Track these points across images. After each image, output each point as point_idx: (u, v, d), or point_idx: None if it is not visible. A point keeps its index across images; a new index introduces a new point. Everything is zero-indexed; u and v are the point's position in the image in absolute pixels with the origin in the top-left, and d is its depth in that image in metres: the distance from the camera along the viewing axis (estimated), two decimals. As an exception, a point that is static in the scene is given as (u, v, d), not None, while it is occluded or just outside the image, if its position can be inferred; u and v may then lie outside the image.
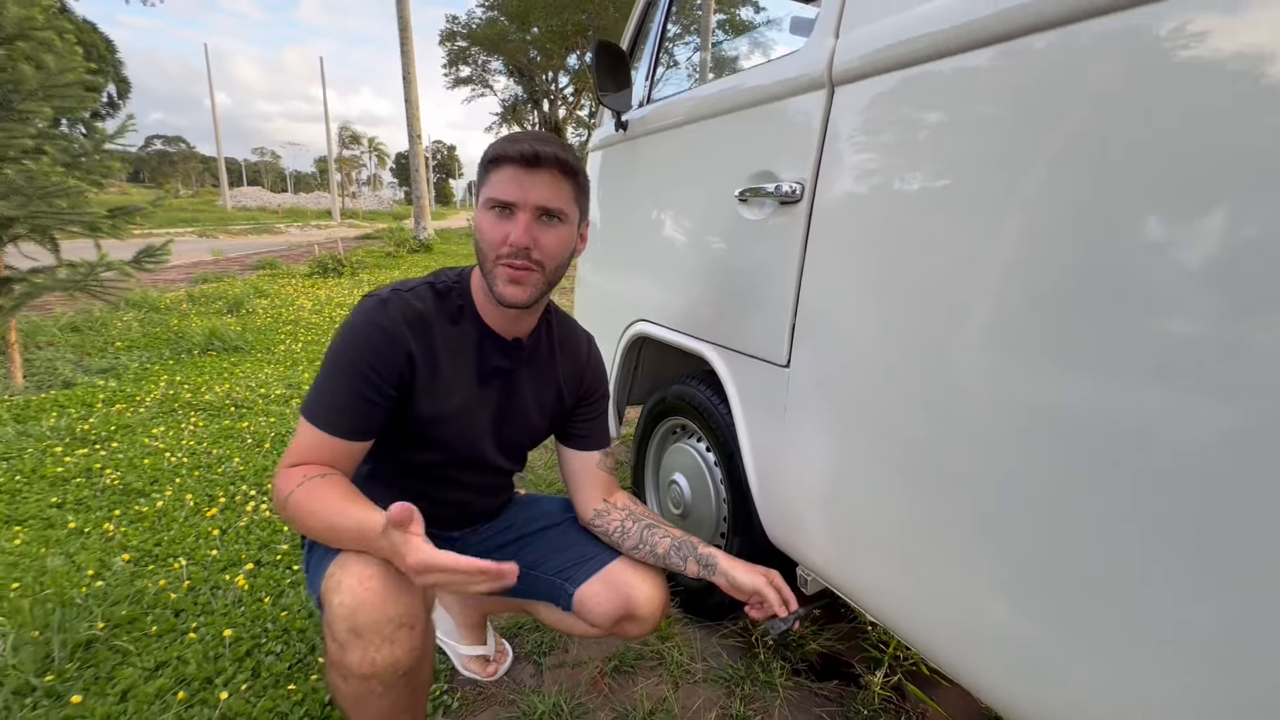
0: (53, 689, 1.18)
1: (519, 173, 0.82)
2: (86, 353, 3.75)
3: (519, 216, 0.83)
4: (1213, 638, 0.54)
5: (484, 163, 0.86)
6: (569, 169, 0.85)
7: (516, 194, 0.82)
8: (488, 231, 0.84)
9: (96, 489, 2.02)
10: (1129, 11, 0.58)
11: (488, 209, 0.84)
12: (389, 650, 0.76)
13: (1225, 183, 0.52)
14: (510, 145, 0.82)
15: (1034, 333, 0.66)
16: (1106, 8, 0.59)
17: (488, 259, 0.86)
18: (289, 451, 0.85)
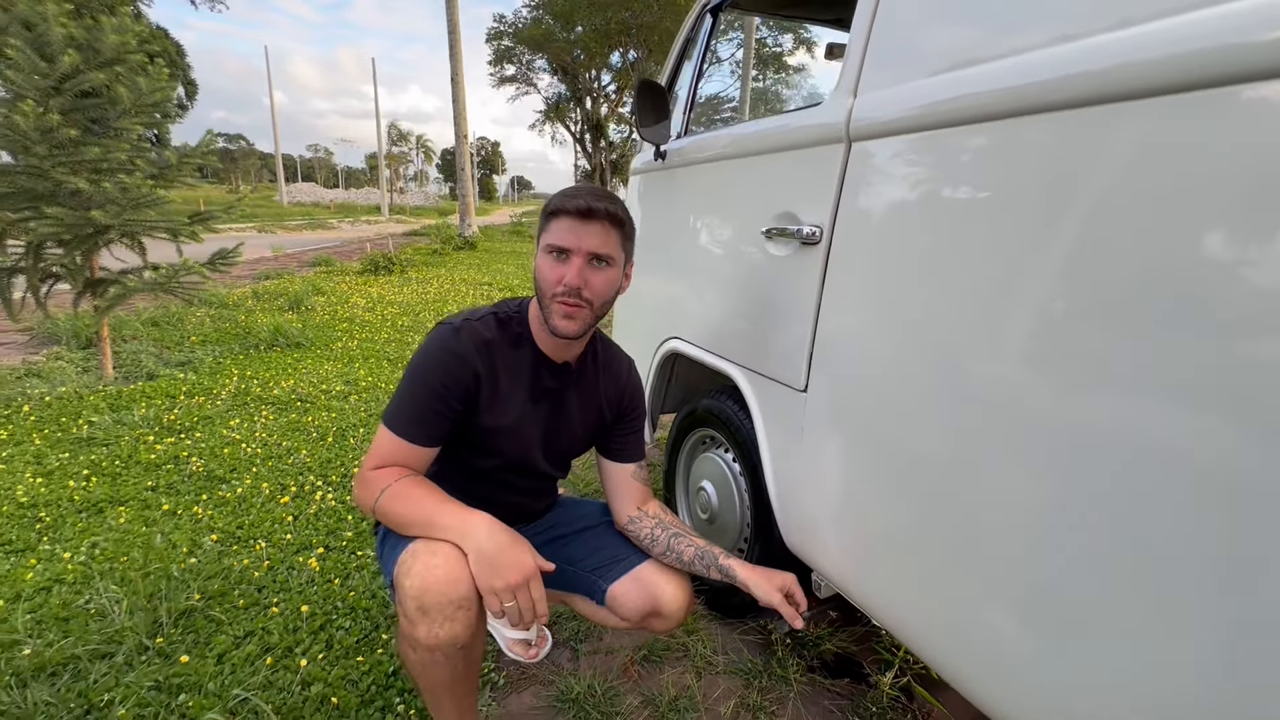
0: (163, 650, 1.38)
1: (575, 223, 0.96)
2: (166, 346, 4.08)
3: (573, 261, 0.97)
4: (1235, 666, 0.57)
5: (545, 213, 1.00)
6: (617, 220, 0.98)
7: (572, 241, 0.96)
8: (546, 272, 0.98)
9: (184, 475, 2.26)
10: (1101, 107, 0.66)
11: (547, 253, 0.98)
12: (449, 627, 0.90)
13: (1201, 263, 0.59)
14: (568, 200, 0.96)
15: (1022, 369, 0.75)
16: (1077, 101, 0.68)
17: (545, 295, 0.99)
18: (371, 455, 1.00)
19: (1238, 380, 0.56)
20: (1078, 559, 0.70)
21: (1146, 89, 0.62)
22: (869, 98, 0.99)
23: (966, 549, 0.84)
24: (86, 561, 1.70)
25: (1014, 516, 0.77)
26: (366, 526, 1.95)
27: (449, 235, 13.06)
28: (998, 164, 0.79)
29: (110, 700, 1.23)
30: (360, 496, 1.01)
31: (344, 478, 2.28)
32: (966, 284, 0.82)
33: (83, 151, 3.00)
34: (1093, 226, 0.67)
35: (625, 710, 1.28)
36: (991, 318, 0.79)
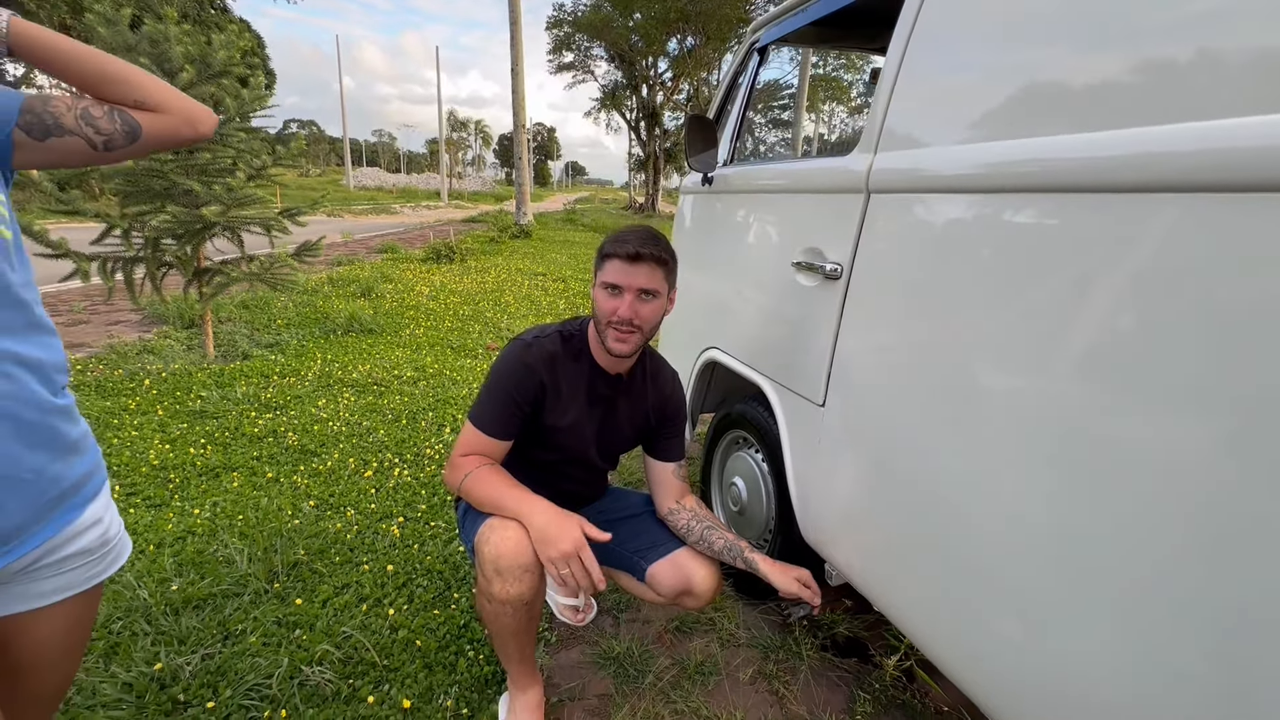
0: (279, 593, 1.68)
1: (625, 266, 1.16)
2: (256, 328, 4.52)
3: (625, 296, 1.17)
4: (1214, 662, 0.64)
5: (600, 254, 1.21)
6: (661, 260, 1.18)
7: (623, 280, 1.17)
8: (603, 304, 1.19)
9: (283, 447, 2.59)
10: (1079, 194, 0.81)
11: (603, 288, 1.19)
12: (517, 586, 1.13)
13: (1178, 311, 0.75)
14: (620, 247, 1.16)
15: (1007, 395, 0.90)
16: (1054, 187, 0.83)
17: (602, 323, 1.20)
18: (460, 444, 1.25)
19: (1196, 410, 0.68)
20: (1057, 563, 0.82)
21: (1114, 185, 0.76)
22: (887, 156, 1.15)
23: (957, 550, 1.00)
24: (211, 518, 2.03)
25: (1000, 524, 0.92)
26: (438, 501, 2.23)
27: (505, 223, 13.49)
28: (990, 228, 0.93)
29: (243, 630, 1.52)
30: (449, 478, 1.25)
31: (417, 457, 2.58)
32: (961, 323, 0.98)
33: (195, 156, 3.39)
34: (1052, 285, 0.82)
35: (657, 669, 1.49)
36: (981, 353, 0.94)
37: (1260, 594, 0.62)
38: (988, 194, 0.93)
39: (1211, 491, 0.66)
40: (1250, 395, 0.62)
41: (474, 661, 1.48)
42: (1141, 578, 0.72)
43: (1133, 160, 0.73)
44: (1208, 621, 0.66)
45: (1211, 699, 0.66)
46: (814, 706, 1.41)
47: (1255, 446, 0.62)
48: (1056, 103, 0.86)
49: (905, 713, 1.40)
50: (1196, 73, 0.70)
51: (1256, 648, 0.63)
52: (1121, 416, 0.74)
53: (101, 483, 0.76)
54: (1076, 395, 0.79)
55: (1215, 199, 0.65)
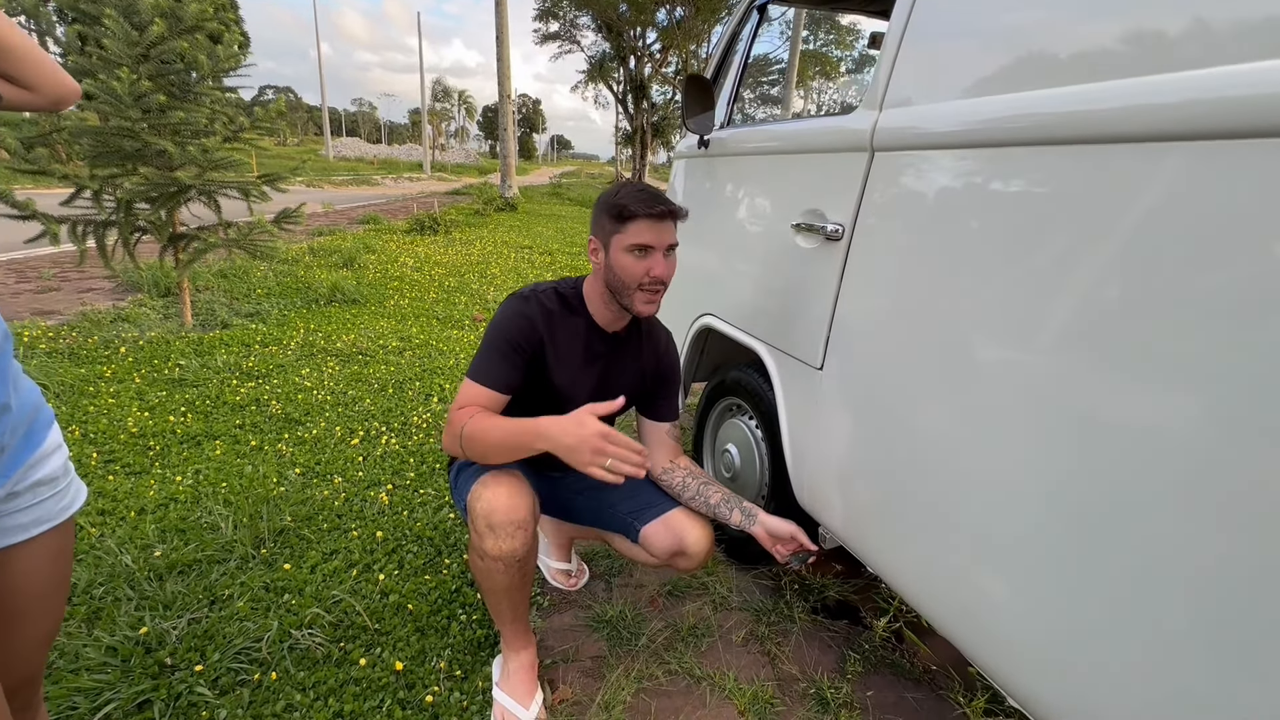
0: (266, 559, 1.65)
1: (654, 224, 1.15)
2: (235, 298, 4.41)
3: (657, 256, 1.16)
4: (1190, 639, 0.67)
5: (619, 215, 1.15)
6: (676, 214, 1.18)
7: (654, 239, 1.15)
8: (632, 267, 1.16)
9: (266, 416, 2.54)
10: (1076, 146, 0.79)
11: (628, 251, 1.16)
12: (510, 542, 1.12)
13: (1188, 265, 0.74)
14: (644, 206, 1.13)
15: (1005, 360, 0.90)
16: (1063, 139, 0.81)
17: (629, 287, 1.18)
18: (457, 401, 1.19)
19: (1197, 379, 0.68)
20: (1047, 522, 0.84)
21: (1120, 135, 0.75)
22: (892, 114, 1.12)
23: (951, 511, 1.01)
24: (194, 485, 1.99)
25: (994, 486, 0.93)
26: (427, 469, 2.20)
27: (490, 196, 13.26)
28: (994, 184, 0.92)
29: (230, 595, 1.50)
30: (448, 435, 1.19)
31: (404, 425, 2.54)
32: (964, 286, 0.96)
33: (168, 115, 3.25)
34: (1060, 243, 0.81)
35: (650, 632, 1.50)
36: (983, 315, 0.93)
37: (1235, 555, 0.63)
38: (992, 148, 0.91)
39: (1199, 457, 0.66)
40: (1248, 363, 0.62)
41: (466, 625, 1.47)
42: (1131, 538, 0.74)
43: (1141, 110, 0.71)
44: (1189, 578, 0.68)
45: (1191, 648, 0.68)
46: (805, 666, 1.43)
47: (1245, 417, 0.62)
48: (1062, 54, 0.84)
49: (895, 671, 1.43)
50: (1184, 25, 0.68)
51: (1231, 598, 0.64)
52: (1119, 383, 0.75)
53: (52, 412, 0.76)
54: (1077, 360, 0.79)
55: (1210, 146, 0.65)
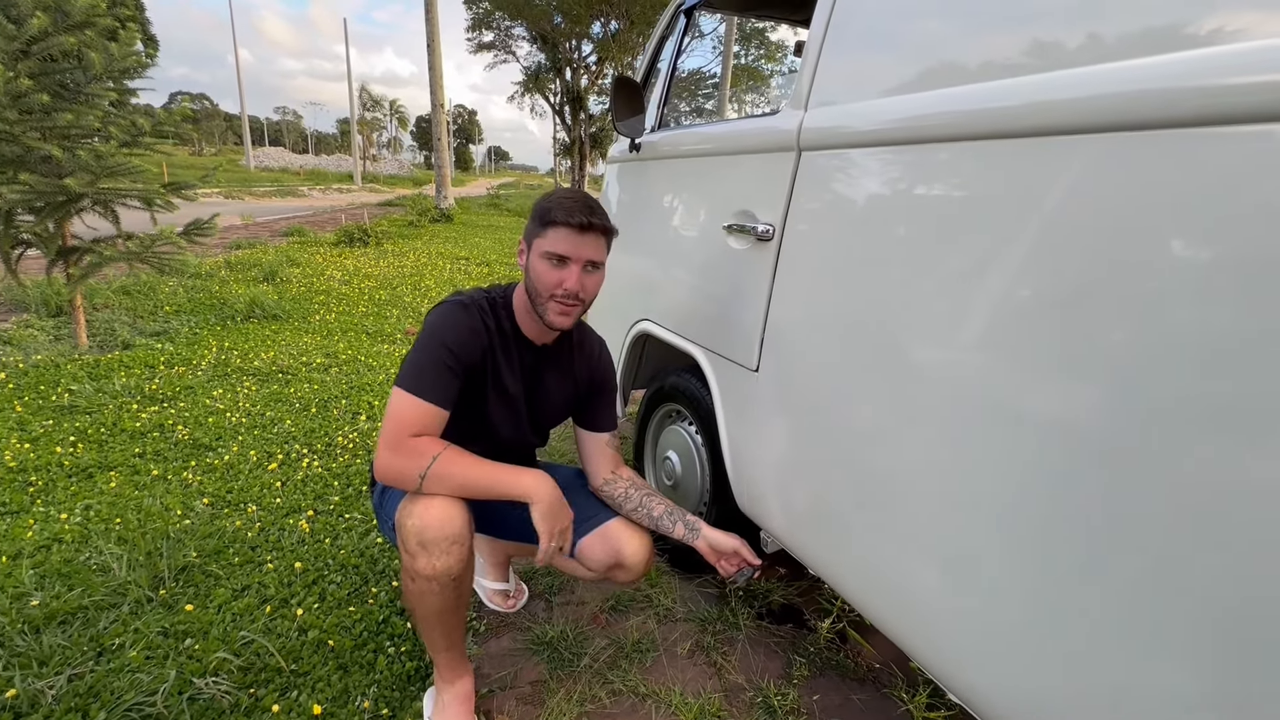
0: (166, 600, 1.49)
1: (573, 235, 1.09)
2: (139, 316, 4.07)
3: (572, 268, 1.10)
4: (1102, 612, 0.68)
5: (541, 220, 1.10)
6: (606, 230, 1.13)
7: (571, 251, 1.09)
8: (545, 276, 1.10)
9: (170, 442, 2.33)
10: (1000, 141, 0.81)
11: (545, 258, 1.10)
12: (444, 559, 1.04)
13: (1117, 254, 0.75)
14: (568, 215, 1.08)
15: (938, 356, 0.90)
16: (984, 134, 0.82)
17: (542, 295, 1.11)
18: (396, 422, 1.05)
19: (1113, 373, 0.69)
20: (980, 518, 0.84)
21: (1042, 129, 0.76)
22: (817, 113, 1.12)
23: (885, 511, 1.00)
24: (82, 522, 1.78)
25: (925, 483, 0.92)
26: (353, 492, 2.07)
27: (425, 207, 12.90)
28: (922, 180, 0.92)
29: (121, 644, 1.34)
30: (395, 464, 1.04)
31: (329, 446, 2.39)
32: (891, 283, 0.97)
33: (54, 118, 2.97)
34: (985, 235, 0.82)
35: (593, 651, 1.44)
36: (918, 313, 0.93)
37: (1164, 547, 0.64)
38: (910, 145, 0.92)
39: (1130, 452, 0.66)
40: (1170, 355, 0.63)
41: (395, 658, 1.37)
42: (1062, 530, 0.74)
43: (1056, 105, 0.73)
44: (1119, 570, 0.68)
45: (1122, 639, 0.68)
46: (752, 674, 1.40)
47: (1169, 409, 0.63)
48: (970, 54, 0.86)
49: (840, 673, 1.42)
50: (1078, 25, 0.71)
51: (1162, 588, 0.64)
52: (1052, 378, 0.75)
53: None
54: (1005, 355, 0.79)
55: (1118, 138, 0.67)
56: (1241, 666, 0.59)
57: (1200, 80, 0.60)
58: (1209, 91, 0.59)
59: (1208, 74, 0.60)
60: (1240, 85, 0.57)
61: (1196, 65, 0.61)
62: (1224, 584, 0.59)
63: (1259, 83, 0.56)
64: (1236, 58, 0.58)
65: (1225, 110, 0.58)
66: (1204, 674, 0.62)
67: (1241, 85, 0.57)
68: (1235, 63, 0.58)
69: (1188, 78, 0.61)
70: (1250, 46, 0.58)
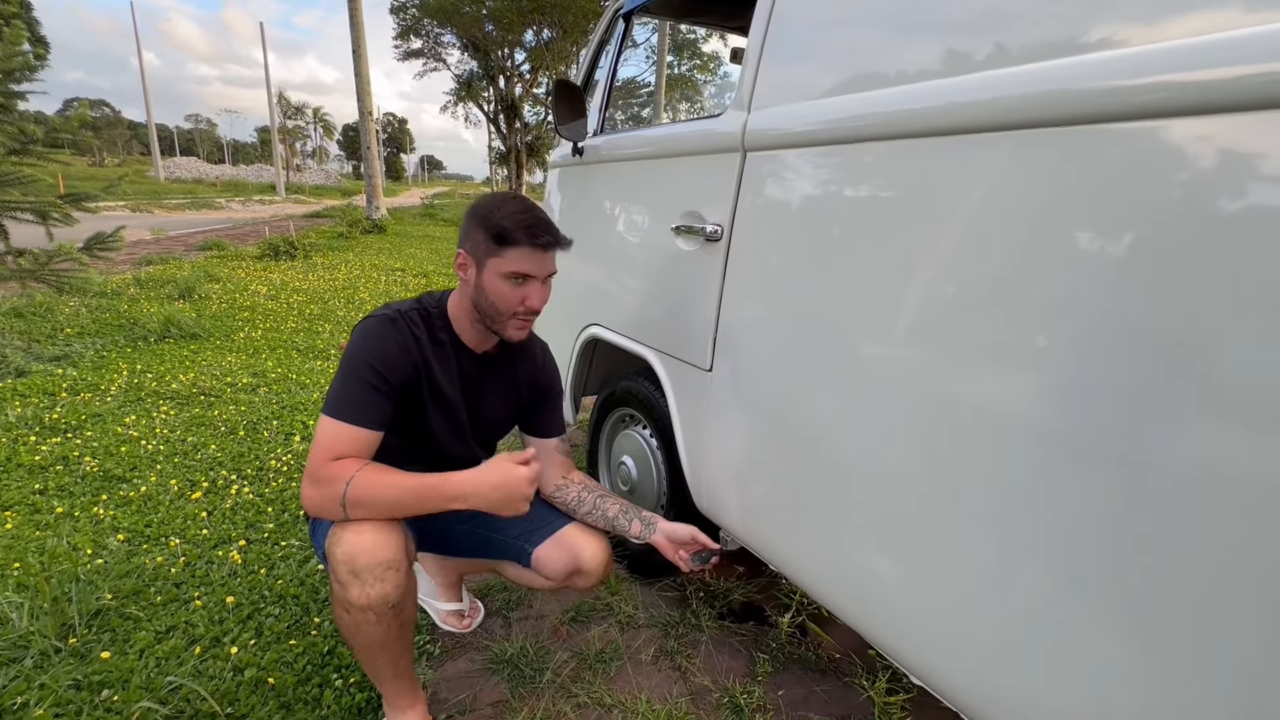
0: (76, 649, 1.35)
1: (536, 253, 1.07)
2: (35, 340, 3.71)
3: (535, 285, 1.08)
4: (1061, 588, 0.71)
5: (498, 238, 1.05)
6: (561, 243, 1.11)
7: (535, 269, 1.07)
8: (507, 295, 1.07)
9: (77, 475, 2.13)
10: (938, 138, 0.84)
11: (506, 278, 1.06)
12: (380, 587, 0.98)
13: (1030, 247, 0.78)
14: (531, 237, 1.05)
15: (885, 351, 0.92)
16: (924, 131, 0.85)
17: (503, 314, 1.09)
18: (321, 449, 1.00)
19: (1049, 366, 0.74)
20: (932, 506, 0.86)
21: (972, 125, 0.79)
22: (761, 114, 1.14)
23: (842, 503, 1.02)
24: (-27, 570, 1.60)
25: (876, 474, 0.95)
26: (290, 517, 1.94)
27: (356, 218, 12.40)
28: (865, 177, 0.95)
29: (25, 702, 1.20)
30: (316, 495, 0.99)
31: (260, 471, 2.24)
32: (835, 280, 0.99)
33: (-73, 123, 2.69)
34: (917, 229, 0.85)
35: (555, 665, 1.40)
36: (861, 307, 0.96)
37: (1112, 529, 0.66)
38: (848, 144, 0.95)
39: (1074, 440, 0.69)
40: (1106, 344, 0.66)
41: (343, 691, 1.29)
42: (1017, 516, 0.76)
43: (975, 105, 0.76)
44: (1065, 551, 0.70)
45: (1068, 616, 0.71)
46: (717, 675, 1.40)
47: (1113, 403, 0.66)
48: (902, 57, 0.90)
49: (802, 666, 1.43)
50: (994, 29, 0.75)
51: (1114, 568, 0.67)
52: (996, 365, 0.77)
53: None
54: (954, 343, 0.82)
55: (1034, 134, 0.71)
56: (1199, 643, 0.61)
57: (1093, 83, 0.66)
58: (1101, 93, 0.65)
59: (1099, 77, 0.65)
60: (1130, 86, 0.63)
61: (1087, 69, 0.66)
62: (1176, 563, 0.62)
63: (1145, 84, 0.61)
64: (1124, 62, 0.64)
65: (1116, 109, 0.64)
66: (1158, 648, 0.64)
67: (1131, 86, 0.63)
68: (1123, 67, 0.64)
69: (1083, 80, 0.66)
70: (1137, 51, 0.63)
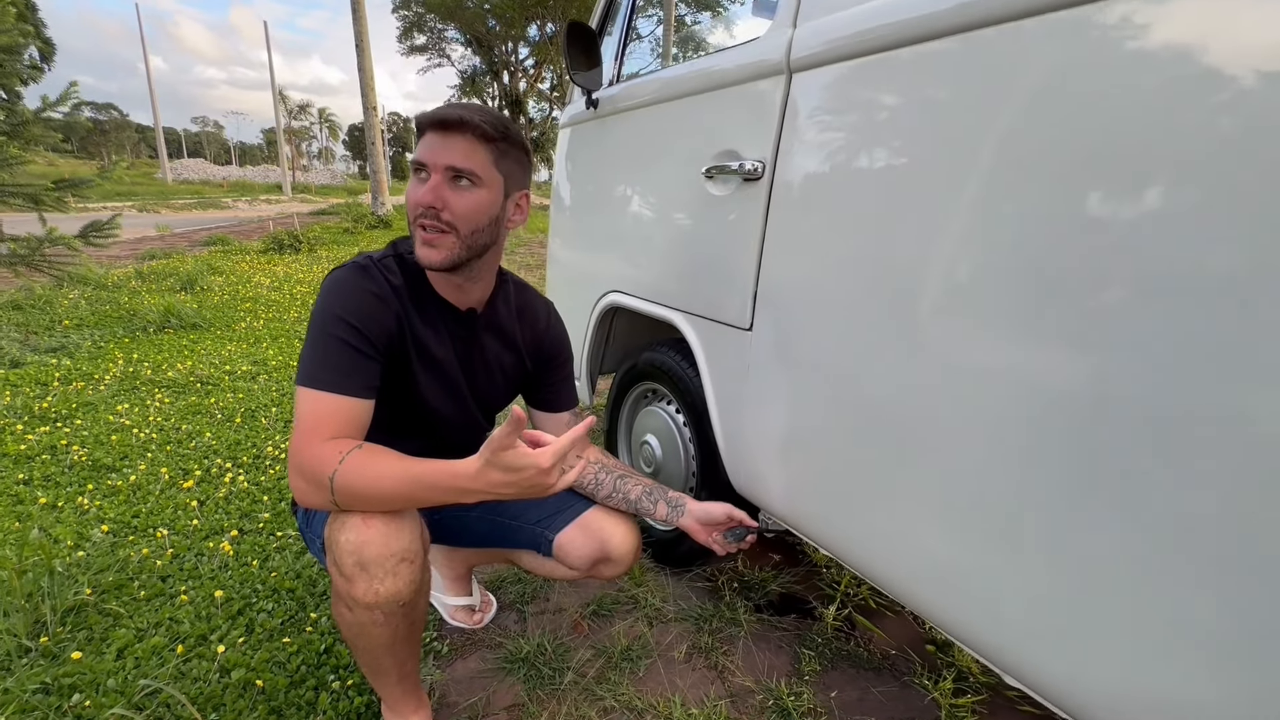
0: (48, 649, 1.22)
1: (434, 137, 0.87)
2: (33, 331, 3.60)
3: (431, 178, 0.86)
4: (1113, 563, 0.64)
5: (416, 129, 0.90)
6: (487, 135, 0.87)
7: (429, 156, 0.86)
8: (410, 194, 0.89)
9: (64, 465, 2.00)
10: (1049, 15, 0.68)
11: (413, 173, 0.89)
12: (392, 582, 0.83)
13: (1156, 166, 0.60)
14: (431, 112, 0.87)
15: (974, 298, 0.76)
16: (1004, 16, 0.69)
17: (411, 223, 0.90)
18: (304, 428, 0.82)
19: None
20: (1013, 483, 0.73)
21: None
22: (810, 26, 0.98)
23: (910, 475, 0.87)
24: (-56, 564, 1.47)
25: (954, 443, 0.79)
26: (285, 506, 1.81)
27: (361, 213, 12.31)
28: (947, 83, 0.79)
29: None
30: (302, 485, 0.82)
31: (256, 459, 2.10)
32: (916, 211, 0.83)
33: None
34: (1050, 146, 0.68)
35: (578, 663, 1.25)
36: (943, 245, 0.80)
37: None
38: (940, 39, 0.79)
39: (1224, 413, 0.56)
40: None
41: (340, 694, 1.15)
42: (1129, 499, 0.63)
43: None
44: (1171, 530, 0.60)
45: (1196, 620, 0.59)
46: (759, 674, 1.25)
47: None
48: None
49: (853, 664, 1.28)
50: None
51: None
52: (1085, 333, 0.65)
53: None
54: (1050, 293, 0.68)
55: None
56: None
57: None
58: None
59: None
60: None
61: None
62: None
63: None
64: None
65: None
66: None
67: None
68: None
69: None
70: None
